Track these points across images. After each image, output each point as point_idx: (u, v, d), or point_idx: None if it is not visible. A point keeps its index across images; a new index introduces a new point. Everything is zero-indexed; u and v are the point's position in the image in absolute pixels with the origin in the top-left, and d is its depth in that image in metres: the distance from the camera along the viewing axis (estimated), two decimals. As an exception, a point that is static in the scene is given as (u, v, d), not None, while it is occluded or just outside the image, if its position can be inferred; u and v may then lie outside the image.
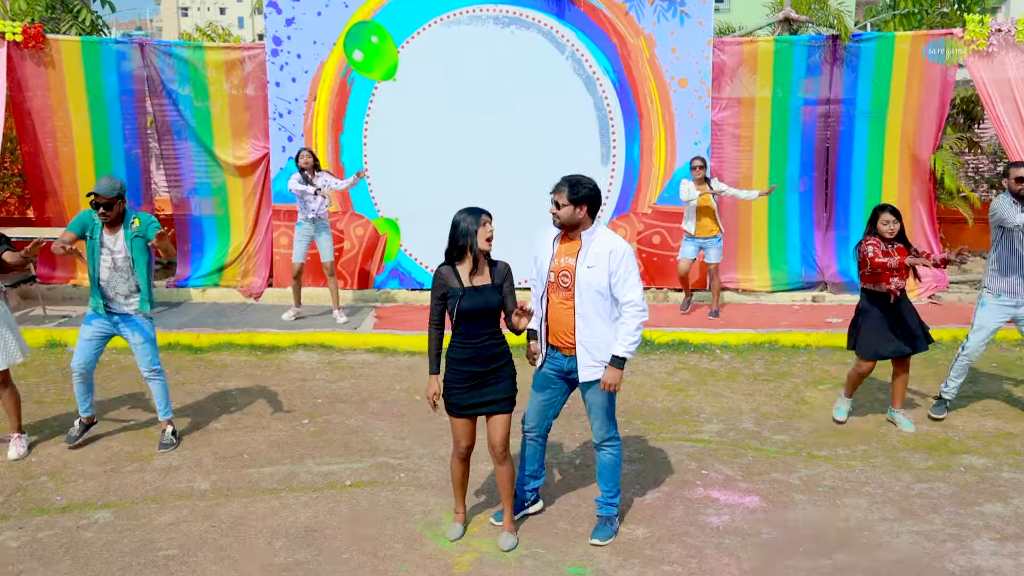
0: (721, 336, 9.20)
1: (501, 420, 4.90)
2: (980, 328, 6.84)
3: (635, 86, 10.89)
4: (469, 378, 4.83)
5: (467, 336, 4.80)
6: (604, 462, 5.11)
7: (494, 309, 4.79)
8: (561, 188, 4.82)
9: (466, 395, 4.85)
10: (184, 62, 10.91)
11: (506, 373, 4.89)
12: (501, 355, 4.87)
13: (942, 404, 7.03)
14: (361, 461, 6.20)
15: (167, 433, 6.44)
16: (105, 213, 6.03)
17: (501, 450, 4.93)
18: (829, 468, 6.09)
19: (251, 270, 11.26)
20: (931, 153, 11.01)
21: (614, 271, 4.75)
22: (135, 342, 6.35)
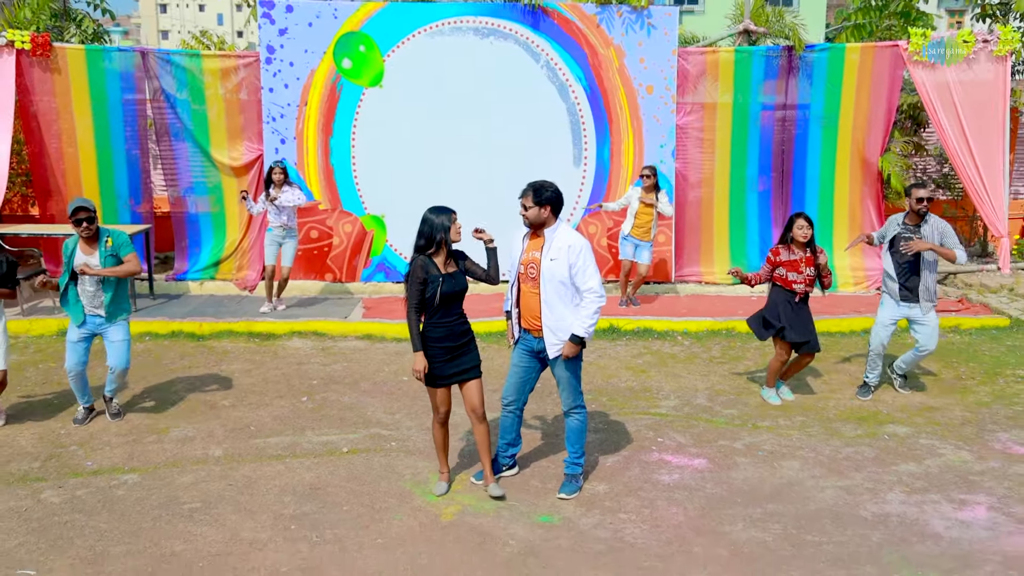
0: (682, 324, 10.02)
1: (475, 384, 5.70)
2: (878, 323, 7.72)
3: (605, 93, 11.69)
4: (444, 352, 5.62)
5: (443, 316, 5.59)
6: (571, 427, 5.90)
7: (464, 291, 5.64)
8: (527, 193, 5.62)
9: (444, 366, 5.63)
10: (182, 69, 11.61)
11: (472, 345, 5.74)
12: (468, 331, 5.72)
13: (866, 388, 7.86)
14: (356, 432, 6.96)
15: (113, 403, 7.21)
16: (88, 227, 6.73)
17: (481, 411, 5.73)
18: (770, 436, 6.92)
19: (245, 264, 11.98)
20: (879, 155, 11.89)
21: (573, 263, 5.54)
22: (114, 340, 6.99)
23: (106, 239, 6.85)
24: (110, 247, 6.84)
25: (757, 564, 5.00)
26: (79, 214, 6.68)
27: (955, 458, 6.48)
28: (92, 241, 6.83)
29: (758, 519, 5.54)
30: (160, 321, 9.90)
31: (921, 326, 7.55)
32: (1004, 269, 11.79)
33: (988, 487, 5.99)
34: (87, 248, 6.84)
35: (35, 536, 5.26)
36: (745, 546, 5.21)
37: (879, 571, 4.92)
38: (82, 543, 5.17)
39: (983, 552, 5.12)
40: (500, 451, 6.15)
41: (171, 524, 5.41)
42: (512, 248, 5.86)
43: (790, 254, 7.39)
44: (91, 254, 6.82)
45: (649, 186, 10.64)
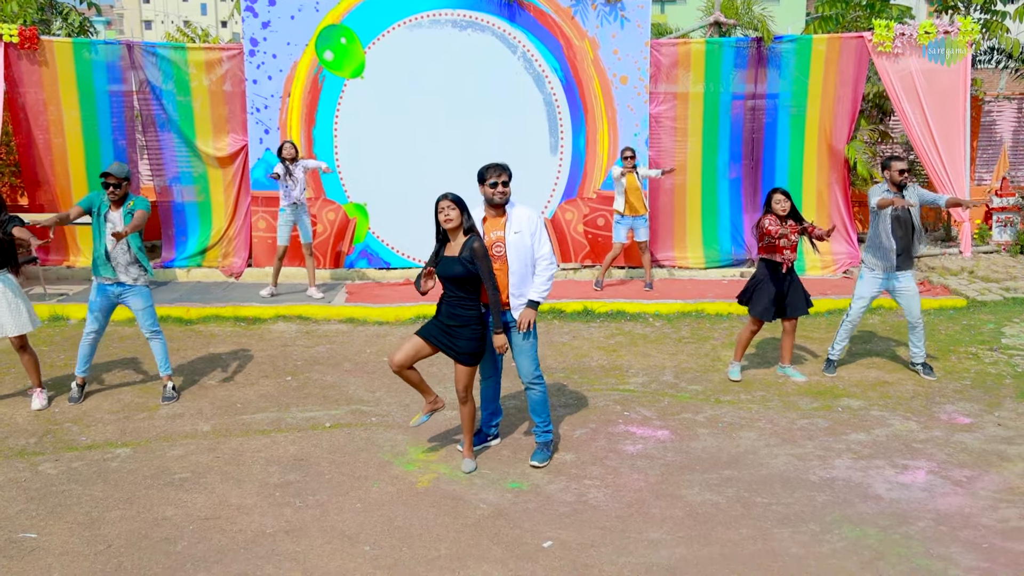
0: (654, 306, 10.41)
1: (460, 369, 5.96)
2: (859, 298, 8.08)
3: (581, 84, 12.04)
4: (438, 322, 5.96)
5: (445, 291, 5.95)
6: (534, 399, 6.26)
7: (452, 276, 5.81)
8: (503, 172, 5.96)
9: (434, 328, 5.96)
10: (167, 61, 11.89)
11: (465, 334, 5.90)
12: (462, 317, 5.88)
13: (831, 364, 8.25)
14: (338, 408, 7.32)
15: (168, 388, 7.51)
16: (114, 191, 7.08)
17: (463, 394, 6.01)
18: (731, 409, 7.31)
19: (231, 252, 12.30)
20: (846, 143, 12.29)
21: (534, 231, 5.96)
22: (137, 308, 7.39)
23: (129, 202, 7.24)
24: (131, 207, 7.22)
25: (709, 524, 5.38)
26: (107, 178, 7.08)
27: (902, 428, 6.89)
28: (118, 204, 7.21)
29: (713, 484, 5.92)
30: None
31: (904, 293, 7.93)
32: (965, 252, 12.23)
33: (930, 453, 6.39)
34: (114, 207, 7.24)
35: (35, 504, 5.59)
36: (700, 508, 5.59)
37: (821, 528, 5.31)
38: (79, 509, 5.51)
39: (919, 511, 5.52)
40: (484, 421, 6.53)
41: (162, 492, 5.76)
42: None
43: (782, 226, 7.74)
44: (117, 215, 7.22)
45: (630, 168, 11.01)
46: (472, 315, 5.94)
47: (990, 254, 12.82)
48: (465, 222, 5.86)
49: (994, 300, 10.71)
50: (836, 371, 8.22)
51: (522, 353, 6.15)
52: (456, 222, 5.82)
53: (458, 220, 5.83)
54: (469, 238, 5.86)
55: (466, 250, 5.81)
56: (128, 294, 7.36)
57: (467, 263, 5.81)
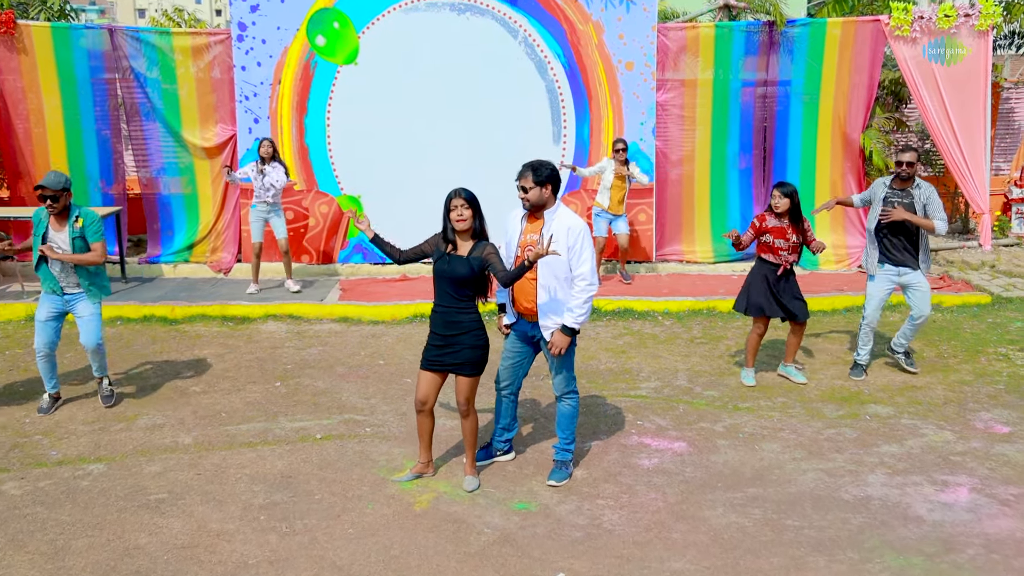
0: (663, 304, 9.90)
1: (462, 381, 5.47)
2: (871, 297, 7.59)
3: (584, 70, 11.51)
4: (434, 339, 5.46)
5: (438, 300, 5.43)
6: (563, 412, 5.76)
7: (457, 278, 5.29)
8: (525, 173, 5.43)
9: (432, 351, 5.47)
10: (152, 47, 11.33)
11: (466, 342, 5.39)
12: (461, 323, 5.38)
13: (858, 368, 7.76)
14: (330, 418, 6.82)
15: (104, 385, 7.02)
16: (52, 205, 6.49)
17: (464, 407, 5.52)
18: (750, 418, 6.82)
19: (220, 246, 11.77)
20: (861, 132, 11.77)
21: (572, 245, 5.37)
22: (82, 315, 6.78)
23: (76, 218, 6.63)
24: (79, 228, 6.62)
25: (737, 551, 4.90)
26: (43, 191, 6.46)
27: (937, 438, 6.41)
28: (62, 218, 6.62)
29: (738, 504, 5.44)
30: (132, 305, 9.69)
31: (915, 291, 7.46)
32: (985, 246, 11.73)
33: (970, 468, 5.91)
34: (56, 224, 6.63)
35: (-5, 530, 5.10)
36: (725, 532, 5.11)
37: (861, 556, 4.83)
38: (43, 537, 5.01)
39: (966, 535, 5.04)
40: (495, 435, 6.03)
41: (136, 516, 5.26)
42: (502, 230, 5.67)
43: (777, 220, 7.30)
44: (59, 231, 6.62)
45: (622, 160, 10.53)
46: (472, 320, 5.44)
47: (1010, 247, 12.33)
48: (476, 225, 5.36)
49: (1020, 296, 10.21)
50: (865, 375, 7.72)
51: (556, 368, 5.68)
52: (468, 224, 5.32)
53: (471, 222, 5.33)
54: (479, 243, 5.36)
55: (477, 251, 5.32)
56: (77, 300, 6.77)
57: (476, 265, 5.30)
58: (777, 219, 7.31)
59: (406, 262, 5.63)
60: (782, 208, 7.24)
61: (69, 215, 6.63)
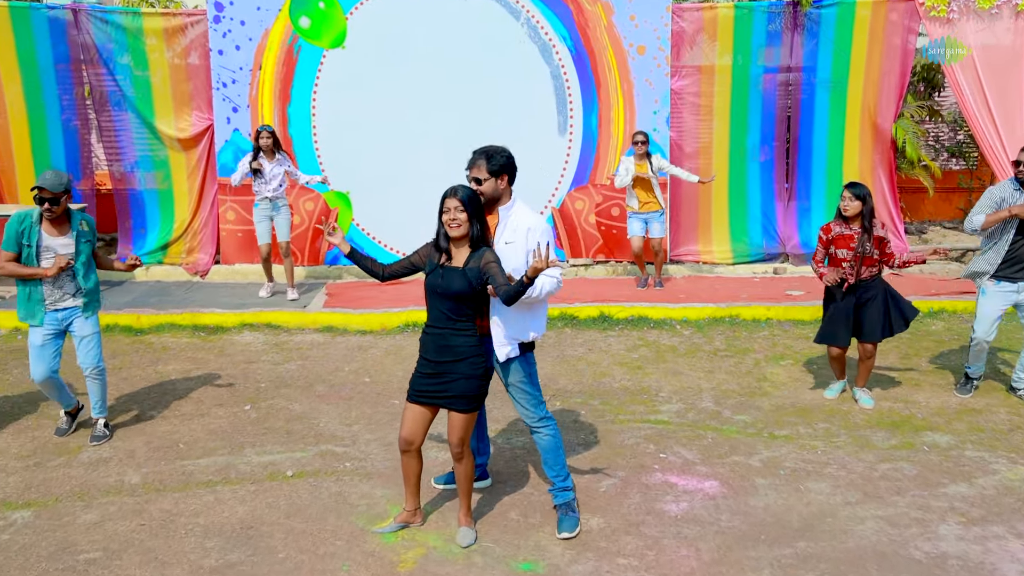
0: (681, 311, 8.98)
1: (454, 418, 4.56)
2: (984, 319, 6.62)
3: (592, 54, 10.58)
4: (424, 366, 4.56)
5: (431, 318, 4.54)
6: (543, 445, 4.86)
7: (453, 294, 4.39)
8: (478, 162, 4.58)
9: (421, 381, 4.58)
10: (121, 29, 10.40)
11: (462, 370, 4.48)
12: (456, 348, 4.48)
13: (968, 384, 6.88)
14: (304, 450, 5.90)
15: (99, 426, 6.07)
16: (51, 209, 5.56)
17: (456, 448, 4.61)
18: (790, 449, 5.90)
19: (196, 247, 10.85)
20: (892, 122, 10.85)
21: (533, 249, 4.51)
22: (83, 334, 5.91)
23: (80, 222, 5.76)
24: (86, 230, 5.78)
25: (792, 629, 3.99)
26: (41, 193, 5.53)
27: (1012, 476, 5.48)
28: (58, 222, 5.69)
29: (788, 564, 4.51)
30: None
31: None
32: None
33: (1059, 516, 4.99)
34: (52, 229, 5.69)
35: None
36: (775, 603, 4.19)
37: (946, 638, 3.92)
38: (-60, 613, 4.11)
39: (1071, 609, 4.13)
40: None
41: (60, 582, 4.34)
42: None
43: (843, 228, 6.37)
44: (58, 236, 5.69)
45: (642, 153, 9.60)
46: (470, 344, 4.53)
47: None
48: (475, 231, 4.43)
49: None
50: (971, 392, 6.90)
51: (517, 394, 4.77)
52: (463, 229, 4.41)
53: (466, 227, 4.41)
54: (476, 251, 4.45)
55: (475, 261, 4.40)
56: (75, 317, 5.87)
57: (474, 278, 4.39)
58: (844, 225, 6.37)
59: (391, 279, 4.75)
60: (852, 211, 6.29)
61: (71, 219, 5.73)
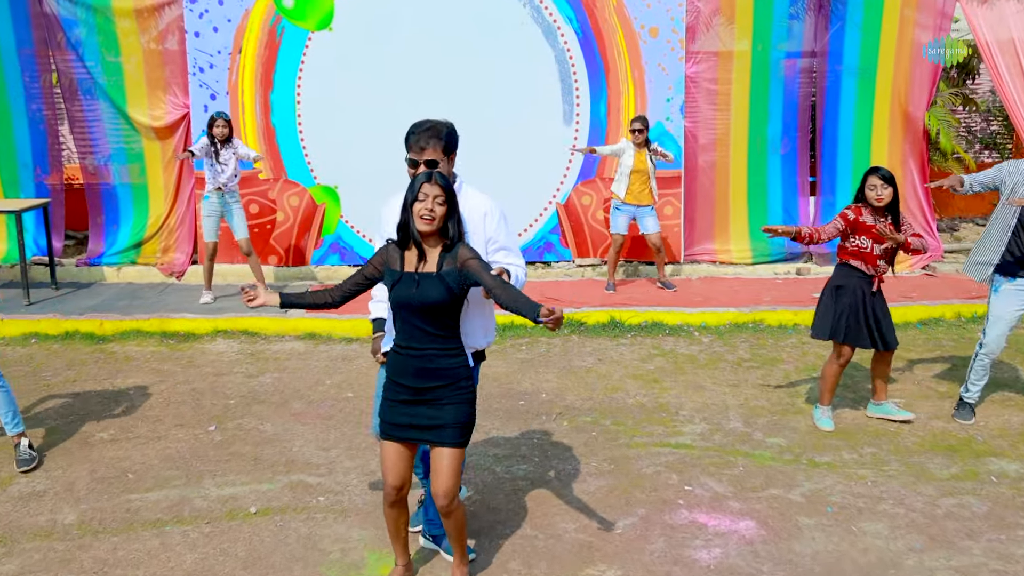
0: (699, 316, 8.16)
1: (444, 455, 3.69)
2: (997, 320, 5.79)
3: (601, 36, 9.75)
4: (399, 391, 3.69)
5: (404, 336, 3.65)
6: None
7: (432, 306, 3.56)
8: (429, 140, 3.86)
9: (396, 410, 3.70)
10: (90, 10, 9.58)
11: (450, 396, 3.66)
12: (443, 371, 3.64)
13: (966, 408, 5.98)
14: (272, 481, 5.09)
15: (23, 447, 5.26)
16: None
17: (444, 500, 3.69)
18: (836, 480, 5.08)
19: (172, 245, 10.04)
20: (925, 110, 10.02)
21: (493, 237, 3.82)
22: None
23: None
24: None
25: None
26: None
27: (1100, 514, 4.67)
28: None
29: (849, 632, 3.70)
30: (51, 319, 7.96)
31: None
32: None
33: None
34: None
35: None
36: None
37: None
38: None
39: None
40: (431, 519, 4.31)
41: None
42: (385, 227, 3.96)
43: (875, 217, 5.55)
44: None
45: (641, 142, 8.81)
46: (459, 364, 3.70)
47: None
48: (451, 228, 3.61)
49: None
50: (973, 419, 5.95)
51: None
52: (437, 224, 3.58)
53: (440, 221, 3.58)
54: (449, 251, 3.62)
55: (450, 262, 3.58)
56: None
57: (454, 283, 3.56)
58: (874, 215, 5.56)
59: (347, 300, 3.80)
60: (887, 199, 5.48)
61: None
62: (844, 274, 5.69)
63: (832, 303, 5.70)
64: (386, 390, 3.75)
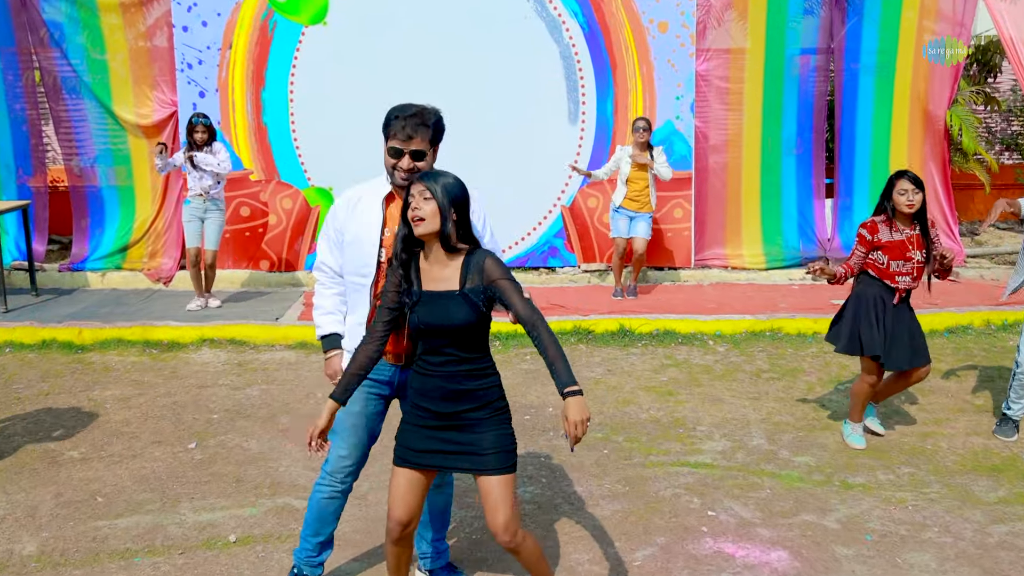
0: (713, 324, 7.72)
1: (492, 484, 3.15)
2: None
3: (607, 31, 9.35)
4: (422, 417, 3.21)
5: (428, 352, 3.17)
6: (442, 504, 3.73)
7: (457, 328, 3.09)
8: (418, 129, 3.33)
9: (421, 436, 3.20)
10: (74, 4, 9.19)
11: (487, 420, 3.17)
12: (476, 393, 3.15)
13: (1009, 425, 5.52)
14: (255, 505, 4.64)
15: None
16: None
17: (507, 536, 3.14)
18: (873, 503, 4.63)
19: (160, 250, 9.62)
20: (946, 109, 9.61)
21: (479, 234, 3.36)
22: None
23: None
24: None
25: None
26: None
27: None
28: None
29: None
30: (27, 327, 7.51)
31: None
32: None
33: None
34: None
35: None
36: None
37: None
38: None
39: None
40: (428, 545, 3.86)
41: None
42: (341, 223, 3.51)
43: (893, 232, 5.10)
44: None
45: (643, 143, 8.39)
46: (489, 386, 3.20)
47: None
48: (453, 228, 3.10)
49: None
50: (1016, 435, 5.50)
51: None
52: (431, 225, 3.08)
53: (434, 222, 3.08)
54: (473, 254, 3.15)
55: (474, 277, 3.09)
56: None
57: (480, 301, 3.08)
58: (892, 229, 5.10)
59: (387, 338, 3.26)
60: (918, 204, 5.03)
61: None
62: (864, 282, 5.25)
63: (849, 312, 5.29)
64: (407, 414, 3.28)
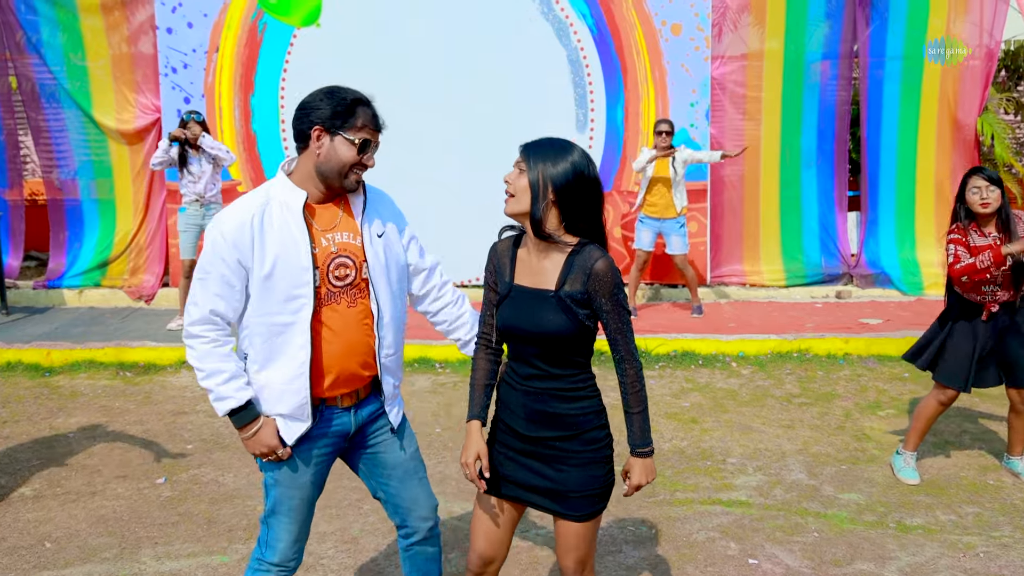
0: (736, 344, 7.13)
1: (570, 531, 2.64)
2: None
3: (617, 34, 8.81)
4: (509, 438, 2.67)
5: (515, 359, 2.67)
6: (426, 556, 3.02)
7: (548, 337, 2.54)
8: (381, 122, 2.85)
9: (509, 458, 2.67)
10: (52, 6, 8.66)
11: (576, 451, 2.61)
12: (567, 418, 2.60)
13: None
14: (227, 551, 4.04)
15: None
16: None
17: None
18: (939, 550, 4.03)
19: (142, 266, 9.04)
20: (977, 116, 9.06)
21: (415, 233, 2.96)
22: None
23: None
24: None
25: None
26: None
27: None
28: None
29: None
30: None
31: None
32: None
33: None
34: None
35: None
36: None
37: None
38: None
39: None
40: None
41: None
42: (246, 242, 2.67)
43: (980, 236, 4.49)
44: None
45: (665, 146, 7.84)
46: (583, 412, 2.62)
47: None
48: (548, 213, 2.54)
49: None
50: None
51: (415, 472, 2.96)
52: (517, 204, 2.55)
53: (523, 201, 2.54)
54: (582, 250, 2.54)
55: (577, 278, 2.51)
56: None
57: (577, 307, 2.51)
58: (978, 234, 4.49)
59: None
60: (994, 203, 4.42)
61: None
62: (952, 301, 4.65)
63: (935, 330, 4.70)
64: (493, 430, 2.74)
